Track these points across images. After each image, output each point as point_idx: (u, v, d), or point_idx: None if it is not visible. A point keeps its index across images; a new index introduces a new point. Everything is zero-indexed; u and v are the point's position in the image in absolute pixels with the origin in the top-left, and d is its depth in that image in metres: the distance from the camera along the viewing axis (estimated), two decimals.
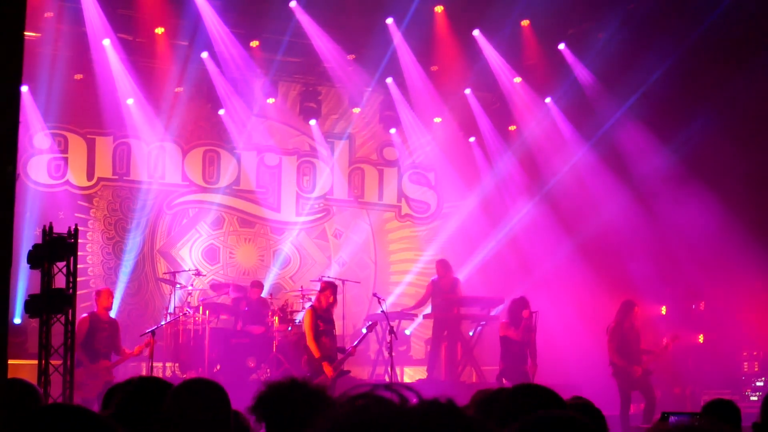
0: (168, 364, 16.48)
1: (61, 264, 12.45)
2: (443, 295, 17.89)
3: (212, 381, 4.94)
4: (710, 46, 17.72)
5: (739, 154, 17.85)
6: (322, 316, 15.06)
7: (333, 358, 14.95)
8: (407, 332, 20.34)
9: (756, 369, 17.98)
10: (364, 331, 15.52)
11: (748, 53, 17.38)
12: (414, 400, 1.85)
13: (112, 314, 18.47)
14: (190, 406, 4.62)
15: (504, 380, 15.28)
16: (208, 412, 4.63)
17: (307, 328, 14.96)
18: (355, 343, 15.35)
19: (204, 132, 20.14)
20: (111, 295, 15.57)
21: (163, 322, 16.20)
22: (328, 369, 14.67)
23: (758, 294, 18.14)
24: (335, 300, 15.29)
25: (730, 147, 17.85)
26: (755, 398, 17.10)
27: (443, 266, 18.29)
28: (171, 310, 16.98)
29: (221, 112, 19.79)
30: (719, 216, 17.63)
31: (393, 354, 15.48)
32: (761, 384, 17.48)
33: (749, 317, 18.04)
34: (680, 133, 18.54)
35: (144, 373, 16.71)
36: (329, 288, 15.29)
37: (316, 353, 14.80)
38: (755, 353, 18.11)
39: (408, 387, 1.88)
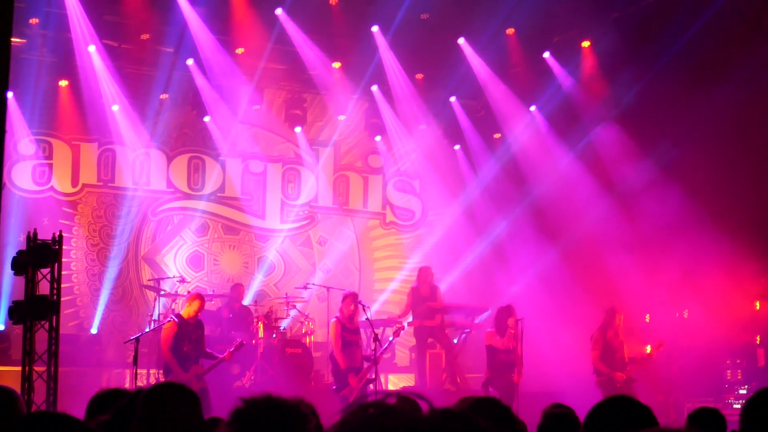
0: (152, 371, 16.43)
1: (46, 270, 12.45)
2: (424, 302, 17.87)
3: (183, 385, 4.92)
4: (692, 56, 17.79)
5: (723, 164, 17.91)
6: (347, 326, 15.12)
7: (359, 368, 14.99)
8: (391, 339, 20.32)
9: (739, 377, 18.01)
10: (390, 338, 15.59)
11: (728, 64, 17.44)
12: (425, 409, 1.84)
13: (96, 322, 18.51)
14: (161, 410, 4.61)
15: (490, 389, 15.30)
16: (179, 417, 4.61)
17: (332, 339, 15.06)
18: (380, 351, 15.32)
19: (189, 139, 20.12)
20: (201, 299, 14.60)
21: (147, 329, 16.14)
22: (354, 380, 14.76)
23: (742, 301, 18.19)
24: (356, 308, 15.27)
25: (714, 155, 17.91)
26: (738, 406, 17.13)
27: (424, 273, 18.27)
28: (155, 317, 16.94)
29: (206, 118, 19.77)
30: (703, 224, 17.68)
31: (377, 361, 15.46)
32: (744, 392, 17.51)
33: (733, 324, 18.09)
34: (663, 141, 18.59)
35: (128, 380, 16.66)
36: (349, 297, 15.31)
37: (342, 364, 14.88)
38: (738, 361, 18.14)
39: (419, 396, 1.87)
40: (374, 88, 20.76)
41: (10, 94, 17.24)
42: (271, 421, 3.60)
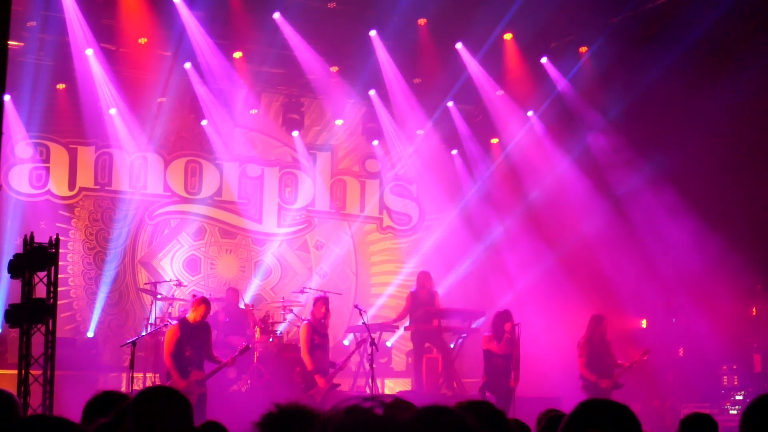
0: (149, 375, 16.42)
1: (42, 274, 12.42)
2: (422, 307, 17.89)
3: (174, 390, 4.91)
4: (689, 62, 17.81)
5: (720, 169, 17.94)
6: (318, 329, 15.38)
7: (325, 371, 15.23)
8: (388, 344, 20.34)
9: (735, 383, 18.01)
10: (346, 342, 15.71)
11: (726, 69, 17.47)
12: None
13: (92, 326, 18.48)
14: (151, 415, 4.59)
15: (487, 393, 15.32)
16: (168, 421, 4.59)
17: (302, 341, 15.32)
18: (346, 357, 15.78)
19: (186, 142, 20.12)
20: (207, 304, 14.28)
21: (143, 333, 16.14)
22: (321, 381, 15.06)
23: (738, 307, 18.21)
24: (327, 311, 15.57)
25: (711, 160, 17.93)
26: (734, 412, 17.14)
27: (423, 278, 18.30)
28: (152, 320, 16.93)
29: (204, 122, 19.78)
30: (699, 229, 17.70)
31: (374, 366, 15.48)
32: (740, 398, 17.52)
33: (729, 330, 18.10)
34: (660, 146, 18.61)
35: (124, 383, 16.66)
36: (320, 300, 15.62)
37: (309, 366, 15.18)
38: (735, 367, 18.15)
39: (405, 402, 1.87)
40: (372, 92, 20.77)
41: (7, 97, 17.23)
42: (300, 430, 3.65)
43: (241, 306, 18.14)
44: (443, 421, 1.83)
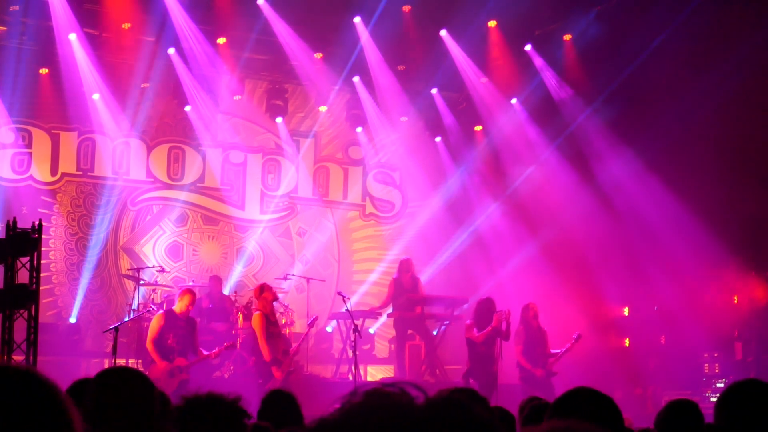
0: (131, 361, 16.39)
1: (25, 259, 12.39)
2: (405, 294, 17.89)
3: (135, 370, 4.86)
4: (673, 50, 17.85)
5: (703, 158, 17.99)
6: (270, 318, 15.05)
7: (280, 361, 14.92)
8: (371, 331, 20.34)
9: (717, 370, 18.12)
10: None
11: (709, 57, 17.51)
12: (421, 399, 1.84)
13: (75, 311, 18.43)
14: (113, 397, 4.51)
15: (470, 380, 15.36)
16: (130, 402, 4.50)
17: (258, 331, 14.81)
18: (298, 342, 15.70)
19: (169, 128, 20.05)
20: (192, 294, 14.66)
21: (126, 319, 16.11)
22: (276, 372, 14.72)
23: (720, 295, 18.29)
24: (274, 298, 15.28)
25: (695, 149, 17.98)
26: (715, 399, 17.23)
27: (406, 265, 18.29)
28: (134, 306, 16.90)
29: (187, 108, 19.70)
30: (682, 218, 17.76)
31: (357, 353, 15.49)
32: (721, 385, 17.60)
33: (711, 318, 18.18)
34: (644, 134, 18.65)
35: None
36: (268, 290, 15.20)
37: (267, 356, 14.74)
38: (716, 354, 18.25)
39: (416, 386, 1.87)
40: (356, 79, 20.74)
41: None
42: (211, 418, 3.72)
43: (224, 293, 18.14)
44: (456, 413, 1.83)
